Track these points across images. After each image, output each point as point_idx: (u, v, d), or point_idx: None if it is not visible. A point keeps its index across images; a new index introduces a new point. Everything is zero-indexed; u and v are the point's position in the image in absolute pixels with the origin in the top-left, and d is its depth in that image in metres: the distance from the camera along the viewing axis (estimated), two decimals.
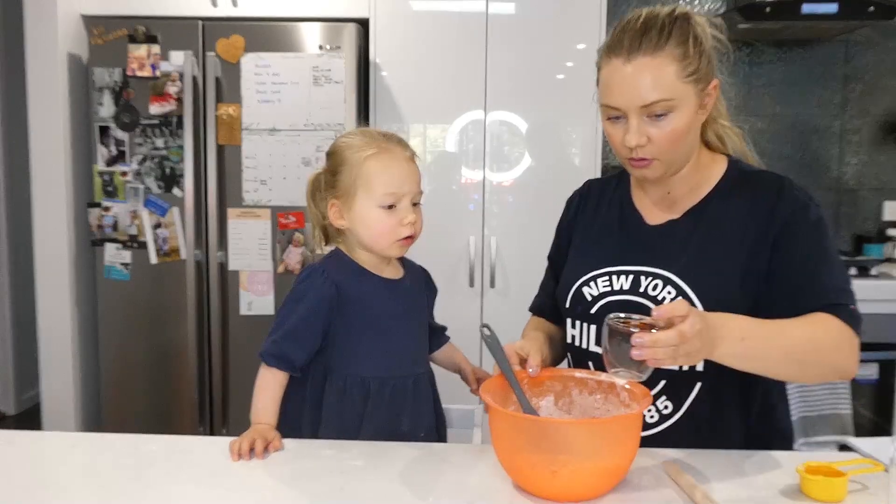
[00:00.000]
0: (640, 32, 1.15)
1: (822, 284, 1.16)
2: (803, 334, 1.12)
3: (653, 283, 1.22)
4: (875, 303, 2.66)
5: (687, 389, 1.20)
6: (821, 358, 1.13)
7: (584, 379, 1.16)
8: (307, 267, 1.28)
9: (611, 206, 1.35)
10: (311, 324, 1.23)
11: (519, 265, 2.82)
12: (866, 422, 2.70)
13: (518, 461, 1.01)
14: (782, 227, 1.18)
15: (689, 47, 1.15)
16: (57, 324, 2.87)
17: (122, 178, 2.80)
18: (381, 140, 1.27)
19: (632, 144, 1.17)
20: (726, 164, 1.27)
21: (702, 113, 1.20)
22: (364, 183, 1.24)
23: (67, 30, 2.83)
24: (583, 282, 1.29)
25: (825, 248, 1.19)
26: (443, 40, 2.78)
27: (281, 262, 2.76)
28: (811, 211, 1.19)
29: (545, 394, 1.17)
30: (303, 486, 1.06)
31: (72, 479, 1.11)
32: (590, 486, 0.99)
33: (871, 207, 3.27)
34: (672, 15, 1.18)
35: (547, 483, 0.98)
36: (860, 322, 1.15)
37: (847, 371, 1.14)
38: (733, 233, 1.20)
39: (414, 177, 1.27)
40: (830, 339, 1.13)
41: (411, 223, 1.25)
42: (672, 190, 1.27)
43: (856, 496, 1.02)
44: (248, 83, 2.72)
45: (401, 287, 1.31)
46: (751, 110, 3.21)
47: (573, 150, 2.80)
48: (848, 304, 1.15)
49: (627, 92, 1.15)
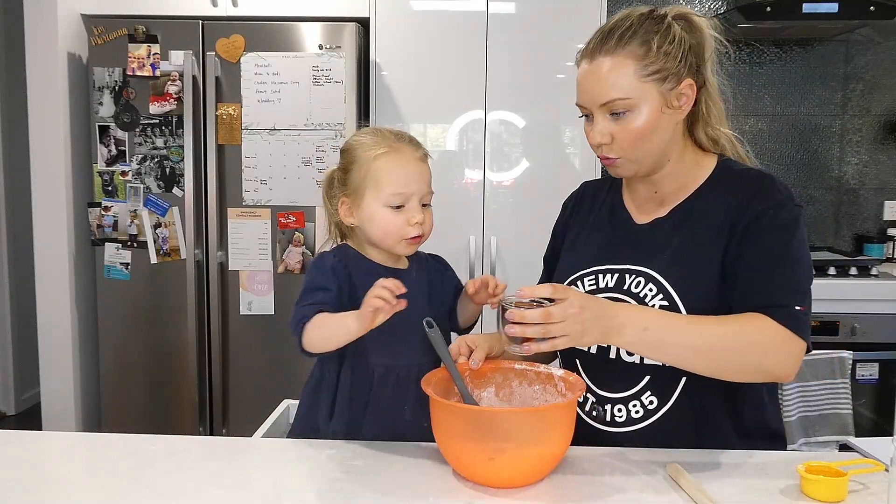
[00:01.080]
0: (605, 33, 1.19)
1: (771, 284, 1.15)
2: (719, 331, 1.11)
3: (636, 282, 1.22)
4: (875, 303, 2.66)
5: (671, 385, 1.20)
6: (737, 357, 1.12)
7: (524, 370, 1.21)
8: (316, 255, 1.29)
9: (602, 207, 1.37)
10: (326, 277, 1.23)
11: (519, 265, 2.82)
12: (866, 422, 2.70)
13: (456, 449, 1.05)
14: (749, 223, 1.18)
15: (653, 46, 1.16)
16: (57, 324, 2.87)
17: (122, 178, 2.79)
18: (393, 139, 1.27)
19: (594, 142, 1.22)
20: (715, 163, 1.28)
21: (671, 112, 1.20)
22: (373, 181, 1.25)
23: (67, 30, 2.83)
24: (570, 281, 1.30)
25: (788, 248, 1.17)
26: (443, 40, 2.78)
27: (281, 262, 2.76)
28: (784, 210, 1.18)
29: (487, 385, 1.22)
30: (303, 485, 1.06)
31: (72, 479, 1.11)
32: (526, 473, 1.04)
33: (872, 207, 3.27)
34: (645, 15, 1.20)
35: (483, 469, 1.02)
36: (804, 325, 1.13)
37: (776, 373, 1.13)
38: (713, 229, 1.21)
39: (424, 177, 1.27)
40: (753, 339, 1.11)
41: (419, 223, 1.25)
42: (659, 189, 1.28)
43: (856, 496, 1.02)
44: (248, 83, 2.72)
45: (406, 278, 1.31)
46: (751, 110, 3.21)
47: (573, 149, 2.80)
48: (791, 306, 1.13)
49: (588, 90, 1.20)
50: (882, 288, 2.68)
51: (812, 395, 2.61)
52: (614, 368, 1.22)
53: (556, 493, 1.04)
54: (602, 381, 1.24)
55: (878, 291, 2.67)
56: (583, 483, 1.08)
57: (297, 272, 2.75)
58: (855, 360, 2.60)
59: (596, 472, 1.12)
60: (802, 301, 1.15)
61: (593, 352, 1.24)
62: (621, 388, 1.22)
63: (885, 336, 2.65)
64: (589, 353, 1.25)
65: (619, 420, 1.22)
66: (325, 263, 1.26)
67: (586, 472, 1.12)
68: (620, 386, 1.22)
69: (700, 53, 1.21)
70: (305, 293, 1.23)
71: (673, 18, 1.20)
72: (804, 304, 1.14)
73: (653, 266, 1.22)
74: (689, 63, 1.19)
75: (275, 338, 2.77)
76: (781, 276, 1.16)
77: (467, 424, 1.02)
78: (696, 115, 1.27)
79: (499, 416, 1.06)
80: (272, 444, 1.27)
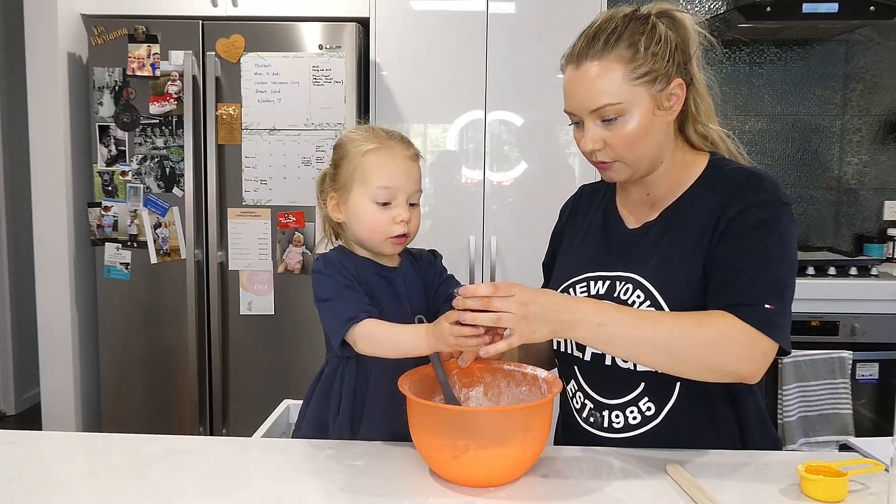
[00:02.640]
0: (591, 37, 1.17)
1: (739, 282, 1.12)
2: (677, 327, 1.08)
3: (625, 288, 1.21)
4: (875, 303, 2.66)
5: (667, 392, 1.19)
6: (696, 355, 1.08)
7: (512, 371, 1.21)
8: (317, 257, 1.28)
9: (597, 212, 1.36)
10: (345, 276, 1.22)
11: (519, 265, 2.82)
12: (866, 422, 2.70)
13: (425, 446, 1.07)
14: (729, 221, 1.15)
15: (640, 48, 1.14)
16: (57, 324, 2.87)
17: (122, 178, 2.80)
18: (384, 137, 1.27)
19: (586, 149, 1.20)
20: (707, 162, 1.25)
21: (663, 113, 1.18)
22: (360, 176, 1.24)
23: (67, 30, 2.83)
24: (563, 288, 1.29)
25: (765, 247, 1.13)
26: (443, 40, 2.78)
27: (281, 262, 2.76)
28: (766, 208, 1.14)
29: (475, 384, 1.22)
30: (303, 485, 1.06)
31: (72, 479, 1.11)
32: (492, 473, 1.03)
33: (872, 207, 3.28)
34: (629, 16, 1.17)
35: (448, 467, 1.04)
36: (774, 324, 1.09)
37: (740, 373, 1.10)
38: (698, 231, 1.18)
39: (412, 175, 1.26)
40: (712, 336, 1.08)
41: (405, 221, 1.24)
42: (651, 191, 1.27)
43: (856, 496, 1.02)
44: (248, 83, 2.72)
45: (397, 276, 1.31)
46: (751, 110, 3.21)
47: (573, 149, 2.79)
48: (759, 305, 1.09)
49: (577, 97, 1.18)
50: (882, 288, 2.68)
51: (812, 395, 2.62)
52: (610, 374, 1.21)
53: (556, 493, 1.04)
54: (599, 386, 1.24)
55: (878, 291, 2.67)
56: (582, 482, 1.08)
57: (297, 272, 2.75)
58: (855, 360, 2.62)
59: (595, 472, 1.12)
60: (775, 300, 1.10)
61: (588, 358, 1.24)
62: (617, 395, 1.22)
63: (885, 336, 2.65)
64: (584, 361, 1.24)
65: (616, 426, 1.22)
66: (333, 260, 1.25)
67: (585, 472, 1.12)
68: (617, 392, 1.22)
69: (686, 50, 1.19)
70: (339, 292, 1.21)
71: (656, 17, 1.18)
72: (776, 303, 1.10)
73: (641, 272, 1.21)
74: (677, 62, 1.18)
75: (275, 338, 2.77)
76: (753, 274, 1.12)
77: (435, 422, 1.03)
78: (686, 113, 1.25)
79: (462, 414, 1.06)
80: (272, 444, 1.27)
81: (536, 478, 1.08)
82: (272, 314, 2.76)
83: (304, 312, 2.74)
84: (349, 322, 1.17)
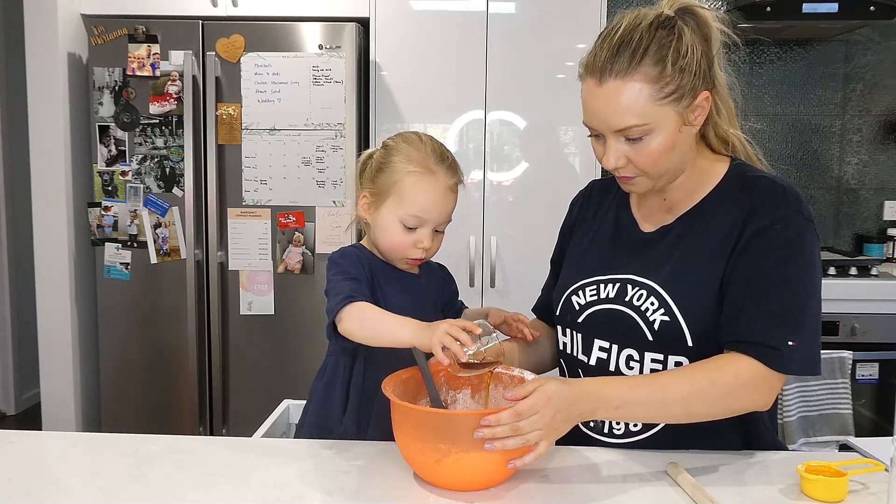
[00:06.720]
0: (614, 50, 1.09)
1: (761, 316, 1.09)
2: (688, 388, 1.07)
3: (638, 294, 1.19)
4: (875, 303, 2.66)
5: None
6: (711, 408, 1.09)
7: (500, 374, 1.19)
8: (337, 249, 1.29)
9: (609, 211, 1.33)
10: (356, 268, 1.23)
11: (519, 265, 2.82)
12: (866, 422, 2.70)
13: (409, 448, 1.05)
14: (751, 237, 1.12)
15: (668, 65, 1.08)
16: (57, 324, 2.87)
17: (122, 178, 2.80)
18: (433, 160, 1.26)
19: (609, 167, 1.16)
20: (727, 167, 1.22)
21: (688, 128, 1.14)
22: (397, 194, 1.25)
23: (67, 30, 2.83)
24: (572, 290, 1.28)
25: (788, 269, 1.09)
26: (443, 40, 2.78)
27: (281, 262, 2.76)
28: (792, 225, 1.11)
29: (462, 387, 1.21)
30: (303, 485, 1.06)
31: (72, 479, 1.11)
32: (474, 477, 1.02)
33: (872, 207, 3.28)
34: (654, 24, 1.10)
35: (430, 470, 1.03)
36: (791, 362, 1.08)
37: (753, 408, 1.11)
38: (718, 241, 1.15)
39: (446, 208, 1.27)
40: (726, 391, 1.08)
41: (425, 249, 1.26)
42: (669, 196, 1.23)
43: (856, 496, 1.02)
44: (248, 83, 2.72)
45: (417, 283, 1.33)
46: (751, 110, 3.21)
47: (573, 149, 2.80)
48: (783, 346, 1.07)
49: (600, 116, 1.12)
50: (882, 288, 2.68)
51: (812, 395, 2.62)
52: None
53: (556, 494, 1.04)
54: None
55: (878, 291, 2.67)
56: (582, 482, 1.08)
57: (297, 272, 2.75)
58: (855, 360, 2.62)
59: (595, 473, 1.12)
60: (798, 332, 1.08)
61: (592, 363, 1.23)
62: None
63: (885, 336, 2.65)
64: (588, 365, 1.24)
65: (617, 432, 1.22)
66: (351, 253, 1.27)
67: (585, 473, 1.12)
68: None
69: (709, 54, 1.14)
70: (340, 278, 1.21)
71: (679, 18, 1.12)
72: (798, 336, 1.08)
73: (655, 278, 1.18)
74: (703, 70, 1.12)
75: (275, 338, 2.77)
76: (773, 305, 1.09)
77: (416, 425, 1.02)
78: (708, 117, 1.20)
79: (442, 418, 1.05)
80: (272, 444, 1.26)
81: (536, 479, 1.08)
82: (272, 314, 2.76)
83: (304, 312, 2.74)
84: (345, 300, 1.16)
